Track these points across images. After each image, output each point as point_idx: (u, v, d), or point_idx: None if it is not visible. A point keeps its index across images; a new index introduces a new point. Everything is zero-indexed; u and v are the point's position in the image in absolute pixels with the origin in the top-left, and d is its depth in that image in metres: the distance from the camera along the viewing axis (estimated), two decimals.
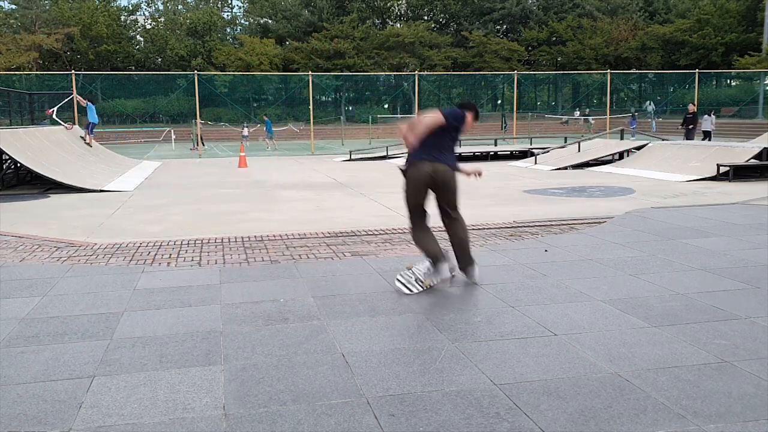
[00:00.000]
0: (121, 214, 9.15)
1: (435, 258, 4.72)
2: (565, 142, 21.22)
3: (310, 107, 27.99)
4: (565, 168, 15.82)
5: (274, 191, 12.00)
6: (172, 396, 3.03)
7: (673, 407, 2.84)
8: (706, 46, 48.13)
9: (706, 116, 25.29)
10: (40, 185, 12.58)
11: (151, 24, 56.78)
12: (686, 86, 42.71)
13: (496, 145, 22.20)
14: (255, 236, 7.09)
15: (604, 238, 6.63)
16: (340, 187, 12.56)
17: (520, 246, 6.36)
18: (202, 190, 12.25)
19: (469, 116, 4.75)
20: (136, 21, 57.54)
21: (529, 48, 55.71)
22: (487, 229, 7.32)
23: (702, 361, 3.37)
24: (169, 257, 6.08)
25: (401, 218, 8.38)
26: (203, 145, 31.49)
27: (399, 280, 4.78)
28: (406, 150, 4.71)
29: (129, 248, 6.52)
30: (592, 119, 40.57)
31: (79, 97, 19.98)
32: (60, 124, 17.64)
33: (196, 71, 28.02)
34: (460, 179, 4.71)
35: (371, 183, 13.11)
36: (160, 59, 53.58)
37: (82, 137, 17.17)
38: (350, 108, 44.70)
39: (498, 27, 59.06)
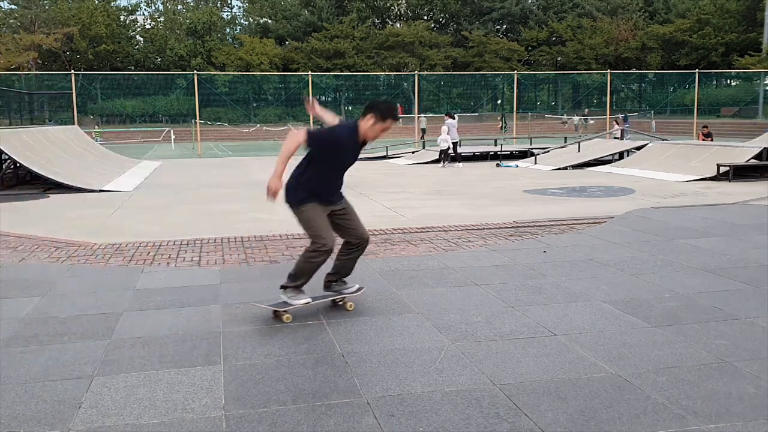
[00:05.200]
0: (121, 214, 9.14)
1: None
2: (565, 142, 21.22)
3: None
4: (565, 168, 15.82)
5: None
6: (172, 396, 3.02)
7: (673, 407, 2.84)
8: (706, 46, 48.15)
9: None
10: (39, 185, 12.56)
11: (150, 24, 56.83)
12: (686, 86, 42.72)
13: (495, 145, 22.18)
14: (255, 236, 7.08)
15: (604, 238, 6.62)
16: None
17: (520, 246, 6.35)
18: (202, 190, 12.24)
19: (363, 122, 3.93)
20: (135, 21, 57.58)
21: (529, 48, 55.74)
22: (487, 229, 7.31)
23: (702, 361, 3.36)
24: (169, 257, 6.07)
25: (401, 218, 8.37)
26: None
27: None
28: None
29: (128, 248, 6.52)
30: (591, 119, 40.51)
31: None
32: None
33: (195, 71, 28.00)
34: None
35: (371, 183, 13.10)
36: (159, 59, 53.61)
37: None
38: (349, 107, 44.81)
39: (498, 27, 59.15)
